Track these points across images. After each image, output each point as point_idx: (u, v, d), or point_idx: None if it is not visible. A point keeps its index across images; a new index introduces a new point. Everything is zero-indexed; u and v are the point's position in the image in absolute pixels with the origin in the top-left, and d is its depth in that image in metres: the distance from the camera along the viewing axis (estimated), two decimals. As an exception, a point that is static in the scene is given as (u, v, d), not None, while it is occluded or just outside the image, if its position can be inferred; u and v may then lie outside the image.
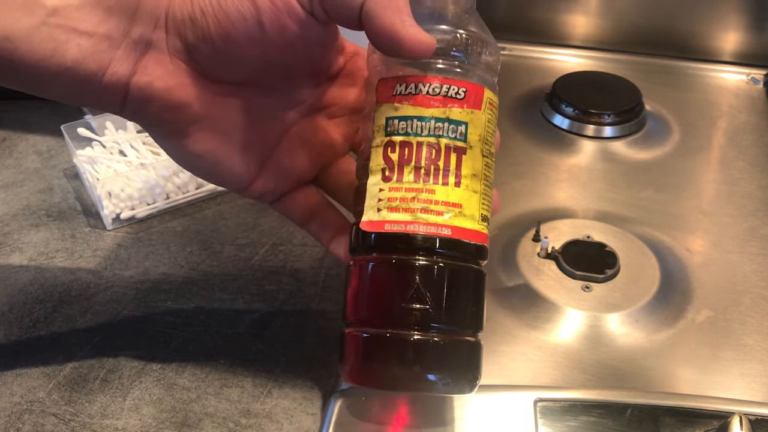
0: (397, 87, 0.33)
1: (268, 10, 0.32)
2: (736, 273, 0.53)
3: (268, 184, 0.39)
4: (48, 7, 0.31)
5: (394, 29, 0.31)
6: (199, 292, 0.51)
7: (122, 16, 0.32)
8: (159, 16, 0.33)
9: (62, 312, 0.49)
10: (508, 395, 0.40)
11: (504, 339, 0.47)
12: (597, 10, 0.81)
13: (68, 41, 0.32)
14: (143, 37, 0.33)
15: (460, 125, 0.33)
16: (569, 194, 0.61)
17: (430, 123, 0.33)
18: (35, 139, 0.67)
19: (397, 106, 0.33)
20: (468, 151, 0.33)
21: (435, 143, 0.33)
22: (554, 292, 0.50)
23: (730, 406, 0.39)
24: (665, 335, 0.48)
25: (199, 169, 0.38)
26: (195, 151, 0.36)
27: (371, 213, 0.33)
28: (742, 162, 0.65)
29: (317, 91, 0.39)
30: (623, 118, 0.69)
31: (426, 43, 0.31)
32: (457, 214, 0.33)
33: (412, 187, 0.33)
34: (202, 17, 0.32)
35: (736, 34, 0.79)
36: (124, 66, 0.33)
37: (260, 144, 0.38)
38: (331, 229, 0.40)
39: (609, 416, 0.39)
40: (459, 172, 0.33)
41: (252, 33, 0.32)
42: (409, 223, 0.33)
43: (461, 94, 0.33)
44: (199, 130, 0.36)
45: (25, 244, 0.55)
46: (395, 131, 0.33)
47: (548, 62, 0.81)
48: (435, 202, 0.33)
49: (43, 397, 0.44)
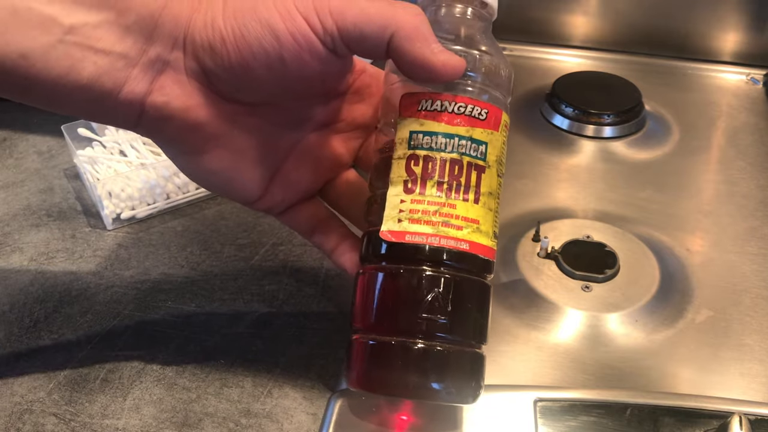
0: (422, 103, 0.34)
1: (290, 46, 0.32)
2: (736, 273, 0.53)
3: (276, 197, 0.40)
4: (65, 25, 0.31)
5: (425, 58, 0.32)
6: (199, 292, 0.51)
7: (140, 35, 0.33)
8: (177, 37, 0.33)
9: (62, 312, 0.49)
10: (508, 395, 0.40)
11: (504, 339, 0.47)
12: (597, 10, 0.81)
13: (84, 59, 0.32)
14: (160, 57, 0.33)
15: (481, 144, 0.34)
16: (569, 194, 0.61)
17: (455, 140, 0.33)
18: (35, 139, 0.67)
19: (422, 122, 0.34)
20: (486, 170, 0.34)
21: (458, 160, 0.34)
22: (554, 292, 0.50)
23: (729, 406, 0.39)
24: (665, 335, 0.48)
25: (212, 184, 0.39)
26: (209, 168, 0.37)
27: (391, 223, 0.34)
28: (741, 162, 0.65)
29: (327, 108, 0.39)
30: (623, 118, 0.69)
31: (456, 67, 0.32)
32: (474, 230, 0.34)
33: (434, 201, 0.33)
34: (222, 45, 0.32)
35: (736, 34, 0.79)
36: (140, 85, 0.33)
37: (271, 159, 0.39)
38: (335, 239, 0.41)
39: (609, 416, 0.39)
40: (478, 189, 0.34)
41: (272, 65, 0.33)
42: (430, 236, 0.33)
43: (483, 115, 0.34)
44: (213, 149, 0.36)
45: (25, 244, 0.55)
46: (419, 145, 0.34)
47: (548, 62, 0.81)
48: (456, 217, 0.34)
49: (43, 396, 0.44)
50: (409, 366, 0.34)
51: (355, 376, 0.35)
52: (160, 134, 0.36)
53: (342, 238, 0.41)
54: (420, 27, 0.32)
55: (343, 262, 0.40)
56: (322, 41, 0.32)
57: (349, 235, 0.41)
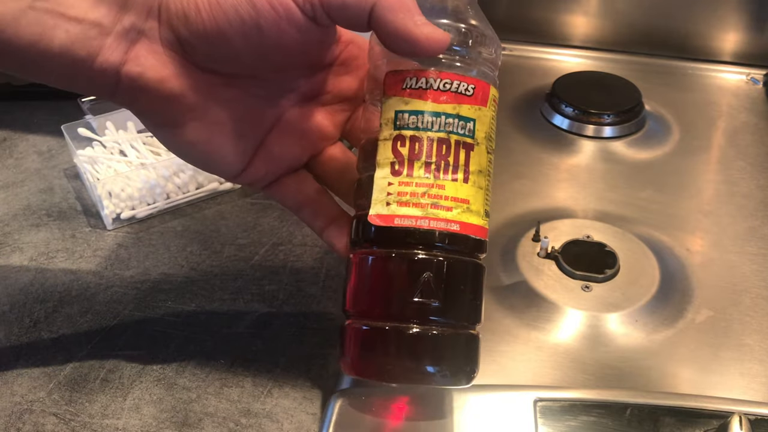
0: (407, 81, 0.33)
1: (267, 14, 0.31)
2: (736, 273, 0.53)
3: (259, 170, 0.39)
4: None
5: (407, 30, 0.31)
6: (199, 292, 0.51)
7: (113, 3, 0.32)
8: (152, 6, 0.32)
9: (62, 312, 0.49)
10: (508, 395, 0.40)
11: (504, 339, 0.47)
12: (597, 10, 0.81)
13: (56, 26, 0.31)
14: (135, 26, 0.33)
15: (469, 122, 0.33)
16: (569, 194, 0.61)
17: (441, 118, 0.33)
18: (35, 139, 0.67)
19: (407, 100, 0.33)
20: (475, 148, 0.34)
21: (445, 138, 0.33)
22: (554, 292, 0.50)
23: (729, 406, 0.39)
24: (665, 335, 0.48)
25: (191, 157, 0.38)
26: (187, 140, 0.36)
27: (380, 207, 0.33)
28: (741, 162, 0.65)
29: (311, 80, 0.38)
30: (623, 118, 0.69)
31: (441, 41, 0.31)
32: (465, 210, 0.33)
33: (422, 182, 0.33)
34: (197, 13, 0.32)
35: (736, 34, 0.79)
36: (114, 54, 0.33)
37: (252, 132, 0.38)
38: (324, 217, 0.40)
39: (609, 416, 0.39)
40: (467, 168, 0.33)
41: (249, 34, 0.32)
42: (419, 218, 0.33)
43: (470, 91, 0.33)
44: (191, 120, 0.35)
45: (25, 244, 0.55)
46: (405, 125, 0.33)
47: (548, 62, 0.81)
48: (445, 198, 0.33)
49: (43, 396, 0.44)
50: (403, 350, 0.33)
51: (350, 362, 0.35)
52: (136, 105, 0.35)
53: (332, 218, 0.40)
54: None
55: (334, 242, 0.39)
56: (301, 9, 0.31)
57: (340, 214, 0.40)
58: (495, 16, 0.37)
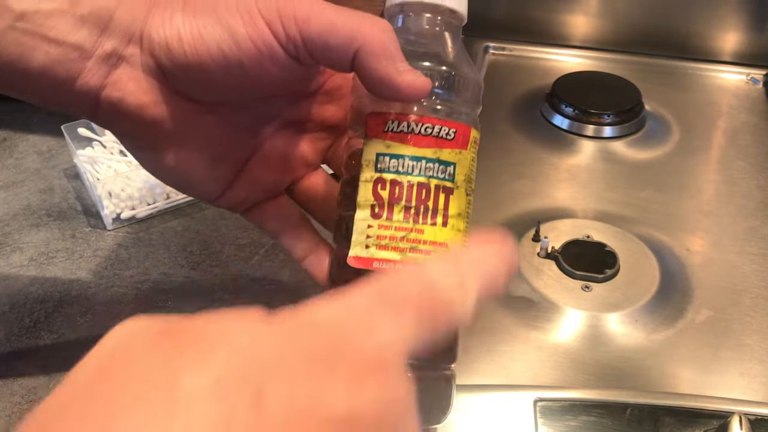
0: (389, 124, 0.33)
1: (250, 51, 0.31)
2: (736, 273, 0.53)
3: (239, 194, 0.39)
4: (16, 11, 0.30)
5: (389, 77, 0.31)
6: (199, 292, 0.51)
7: (94, 27, 0.32)
8: (134, 32, 0.32)
9: (62, 312, 0.49)
10: (508, 395, 0.40)
11: (504, 339, 0.47)
12: (597, 10, 0.81)
13: (36, 47, 0.31)
14: (116, 51, 0.32)
15: (449, 166, 0.33)
16: (569, 194, 0.61)
17: (422, 163, 0.33)
18: (35, 139, 0.67)
19: (388, 144, 0.33)
20: (455, 191, 0.34)
21: (425, 183, 0.33)
22: (554, 292, 0.50)
23: (729, 406, 0.39)
24: (665, 335, 0.48)
25: (169, 180, 0.38)
26: (166, 164, 0.36)
27: (359, 249, 0.33)
28: (741, 162, 0.65)
29: (294, 108, 0.38)
30: (623, 118, 0.69)
31: (421, 88, 0.31)
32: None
33: (402, 227, 0.33)
34: (179, 44, 0.32)
35: (736, 34, 0.79)
36: (94, 78, 0.33)
37: (232, 158, 0.38)
38: (304, 245, 0.40)
39: (609, 416, 0.39)
40: (446, 212, 0.34)
41: (230, 69, 0.32)
42: (398, 262, 0.33)
43: (451, 135, 0.33)
44: (170, 145, 0.35)
45: (25, 244, 0.55)
46: (386, 168, 0.33)
47: (548, 62, 0.81)
48: (423, 242, 0.33)
49: (43, 396, 0.44)
50: None
51: None
52: (116, 127, 0.35)
53: (312, 247, 0.39)
54: (387, 43, 0.31)
55: (315, 272, 0.39)
56: (284, 48, 0.31)
57: (319, 243, 0.39)
58: (495, 16, 0.37)
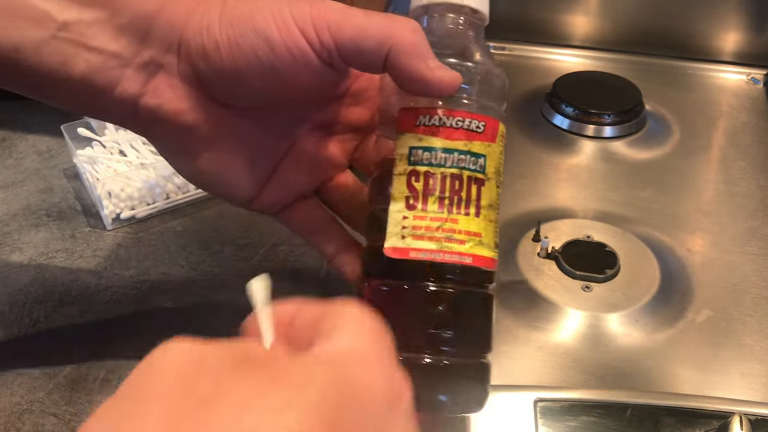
0: (420, 118, 0.34)
1: (284, 58, 0.32)
2: (736, 273, 0.53)
3: (270, 197, 0.40)
4: (59, 21, 0.31)
5: (422, 74, 0.32)
6: (199, 292, 0.51)
7: (134, 36, 0.33)
8: (172, 41, 0.33)
9: (62, 312, 0.49)
10: (508, 395, 0.40)
11: (504, 339, 0.47)
12: (597, 10, 0.81)
13: (77, 56, 0.32)
14: (154, 59, 0.33)
15: (480, 158, 0.34)
16: (569, 194, 0.61)
17: (454, 155, 0.34)
18: (35, 139, 0.67)
19: (420, 137, 0.34)
20: (486, 183, 0.35)
21: (458, 174, 0.34)
22: (554, 292, 0.50)
23: (730, 406, 0.39)
24: (665, 335, 0.48)
25: (203, 184, 0.39)
26: (200, 168, 0.37)
27: (395, 239, 0.34)
28: (741, 162, 0.65)
29: (323, 111, 0.39)
30: (623, 118, 0.69)
31: (452, 83, 0.33)
32: (477, 243, 0.34)
33: (437, 217, 0.34)
34: (216, 52, 0.33)
35: (736, 34, 0.79)
36: (133, 85, 0.34)
37: (265, 161, 0.39)
38: (334, 244, 0.41)
39: (609, 416, 0.39)
40: (479, 203, 0.34)
41: (265, 74, 0.33)
42: (434, 252, 0.33)
43: (481, 128, 0.34)
44: (205, 150, 0.36)
45: (25, 244, 0.55)
46: (419, 161, 0.34)
47: (548, 62, 0.81)
48: (458, 231, 0.34)
49: (43, 397, 0.44)
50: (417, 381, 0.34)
51: None
52: (152, 133, 0.36)
53: (342, 245, 0.41)
54: (418, 43, 0.32)
55: (346, 270, 0.40)
56: (317, 54, 0.32)
57: (350, 242, 0.41)
58: (495, 16, 0.37)
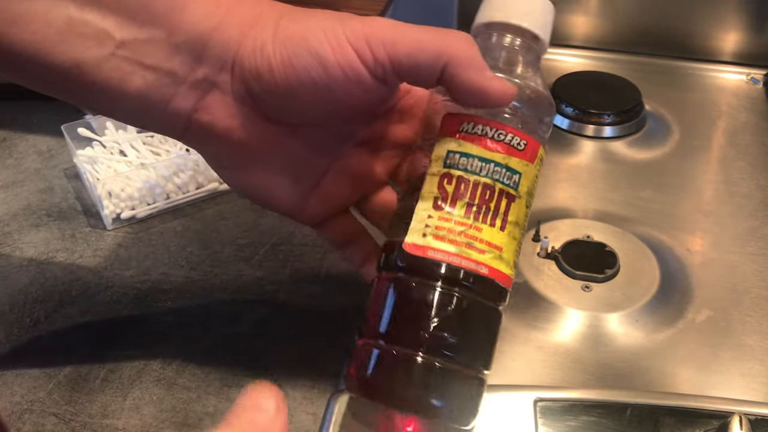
0: (464, 125, 0.34)
1: (338, 77, 0.33)
2: (736, 273, 0.53)
3: (313, 209, 0.40)
4: (117, 40, 0.32)
5: (480, 85, 0.32)
6: (199, 292, 0.51)
7: (189, 55, 0.33)
8: (226, 60, 0.34)
9: (62, 312, 0.49)
10: (508, 395, 0.40)
11: (504, 339, 0.47)
12: (597, 10, 0.81)
13: (134, 73, 0.33)
14: (208, 77, 0.34)
15: (515, 174, 0.34)
16: (569, 194, 0.61)
17: (490, 165, 0.34)
18: (35, 139, 0.67)
19: (460, 142, 0.34)
20: (517, 200, 0.35)
21: (491, 185, 0.34)
22: (554, 292, 0.50)
23: (730, 406, 0.39)
24: (665, 335, 0.48)
25: (250, 196, 0.40)
26: (249, 182, 0.38)
27: (416, 236, 0.34)
28: (741, 162, 0.65)
29: (369, 128, 0.39)
30: (623, 118, 0.69)
31: (509, 94, 0.33)
32: (496, 257, 0.34)
33: (462, 221, 0.34)
34: (270, 72, 0.33)
35: (736, 34, 0.79)
36: (186, 102, 0.34)
37: (310, 175, 0.39)
38: (363, 253, 0.42)
39: (609, 416, 0.39)
40: (506, 217, 0.34)
41: (319, 93, 0.33)
42: (452, 255, 0.33)
43: (522, 146, 0.34)
44: (254, 165, 0.37)
45: (25, 244, 0.55)
46: (455, 165, 0.34)
47: (548, 62, 0.81)
48: (480, 240, 0.34)
49: (43, 396, 0.44)
50: (413, 379, 0.34)
51: (356, 382, 0.35)
52: (203, 148, 0.37)
53: (370, 253, 0.41)
54: (474, 55, 0.33)
55: (368, 276, 0.41)
56: (371, 72, 0.33)
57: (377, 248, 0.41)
58: (495, 16, 0.38)
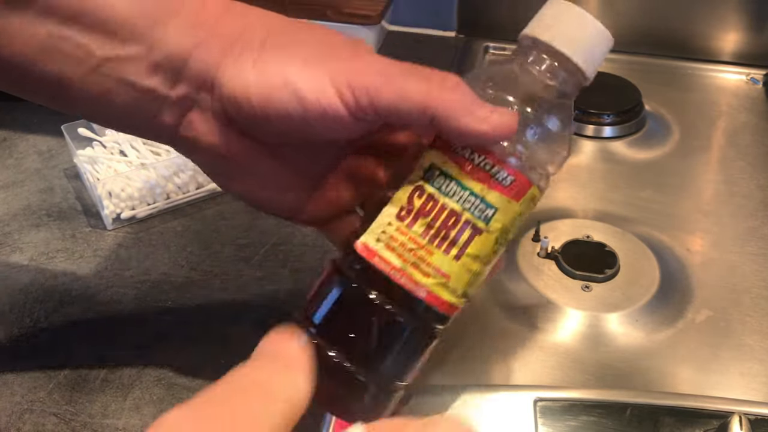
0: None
1: (316, 115, 0.32)
2: (736, 273, 0.53)
3: (313, 213, 0.40)
4: (98, 56, 0.33)
5: (473, 130, 0.31)
6: (199, 292, 0.51)
7: (168, 72, 0.34)
8: (206, 80, 0.34)
9: (62, 312, 0.49)
10: (508, 395, 0.40)
11: (504, 339, 0.47)
12: (597, 10, 0.81)
13: (118, 88, 0.34)
14: (188, 95, 0.34)
15: (490, 208, 0.33)
16: (569, 194, 0.61)
17: (465, 193, 0.33)
18: (36, 139, 0.67)
19: (446, 159, 0.33)
20: (483, 234, 0.33)
21: (458, 212, 0.33)
22: (554, 292, 0.50)
23: (729, 406, 0.39)
24: (665, 335, 0.48)
25: (246, 202, 0.40)
26: (241, 190, 0.38)
27: (370, 238, 0.33)
28: (741, 162, 0.65)
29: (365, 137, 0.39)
30: (623, 118, 0.69)
31: (505, 130, 0.32)
32: (440, 284, 0.33)
33: (416, 240, 0.33)
34: (247, 103, 0.33)
35: (736, 34, 0.79)
36: (170, 118, 0.35)
37: (305, 183, 0.39)
38: None
39: (609, 416, 0.39)
40: (465, 248, 0.33)
41: (297, 126, 0.33)
42: (395, 269, 0.33)
43: (507, 181, 0.33)
44: (242, 176, 0.37)
45: (25, 244, 0.55)
46: (431, 180, 0.33)
47: (548, 62, 0.81)
48: (427, 264, 0.33)
49: (43, 396, 0.44)
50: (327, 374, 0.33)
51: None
52: (193, 157, 0.38)
53: None
54: (461, 101, 0.31)
55: None
56: (351, 114, 0.32)
57: None
58: (495, 16, 0.37)
